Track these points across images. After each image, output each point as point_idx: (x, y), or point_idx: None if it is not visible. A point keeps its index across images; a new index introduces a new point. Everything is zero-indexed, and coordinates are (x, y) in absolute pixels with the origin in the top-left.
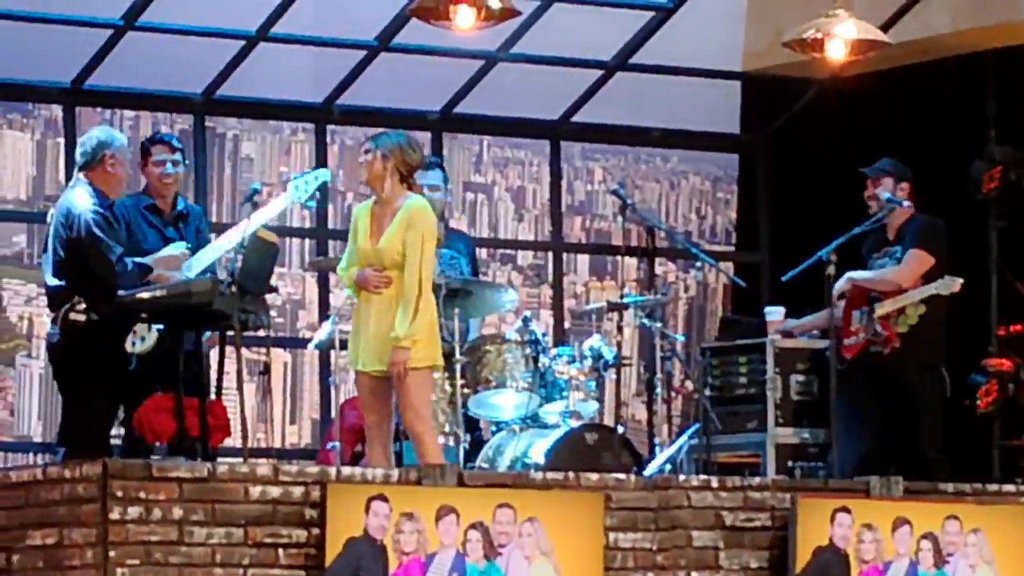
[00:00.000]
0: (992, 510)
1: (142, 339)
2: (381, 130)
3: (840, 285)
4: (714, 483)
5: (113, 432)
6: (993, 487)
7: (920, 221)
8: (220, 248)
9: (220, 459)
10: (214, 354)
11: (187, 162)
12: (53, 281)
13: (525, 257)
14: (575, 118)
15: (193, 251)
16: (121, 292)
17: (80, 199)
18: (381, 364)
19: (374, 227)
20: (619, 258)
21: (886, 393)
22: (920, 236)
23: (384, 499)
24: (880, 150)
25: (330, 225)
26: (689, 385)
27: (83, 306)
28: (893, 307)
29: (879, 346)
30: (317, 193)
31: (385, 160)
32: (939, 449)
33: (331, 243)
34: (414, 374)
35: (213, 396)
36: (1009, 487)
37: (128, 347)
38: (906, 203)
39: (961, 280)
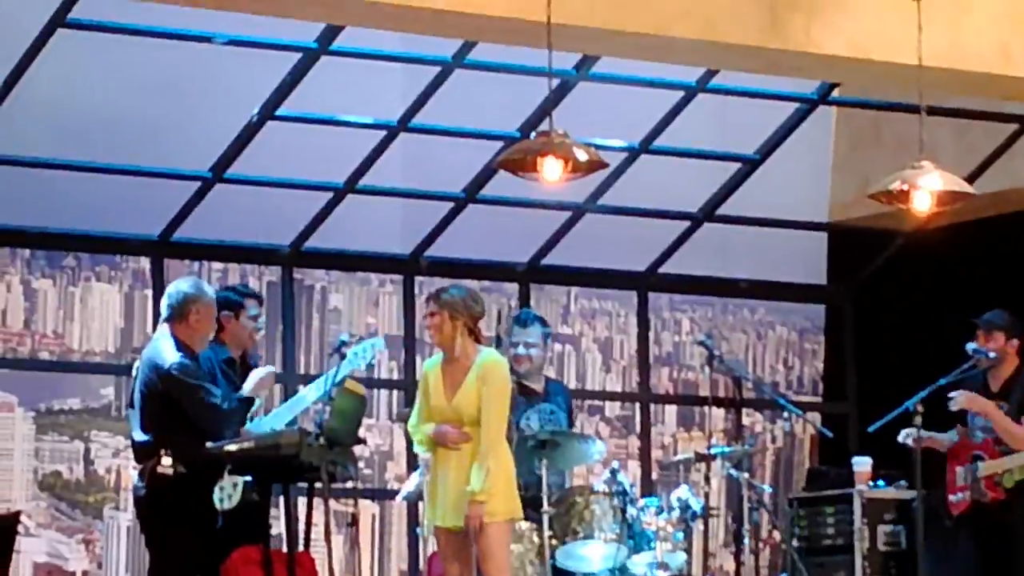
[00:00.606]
0: None
1: (229, 496)
2: (440, 286)
3: (960, 402)
4: None
5: None
6: None
7: None
8: (305, 400)
9: None
10: (302, 506)
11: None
12: (140, 435)
13: (613, 408)
14: (662, 269)
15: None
16: (209, 444)
17: (167, 351)
18: (460, 520)
19: (447, 383)
20: (706, 409)
21: (991, 542)
22: None
23: None
24: (967, 301)
25: (417, 376)
26: (777, 536)
27: (169, 460)
28: (998, 469)
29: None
30: (373, 360)
31: (454, 320)
32: None
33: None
34: (494, 527)
35: (301, 548)
36: None
37: (216, 503)
38: (992, 354)
39: None
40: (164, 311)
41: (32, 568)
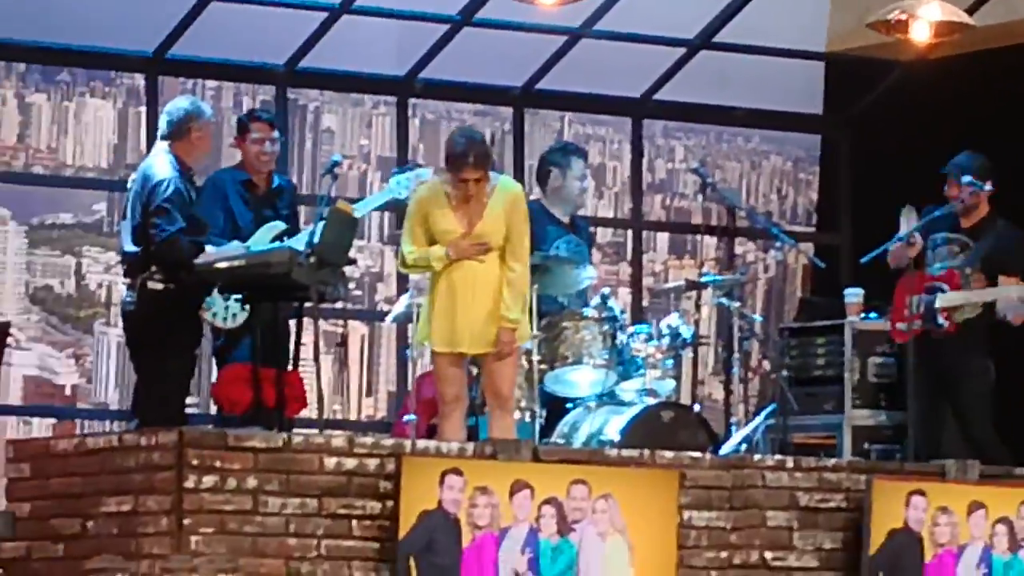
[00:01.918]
0: None
1: (234, 315)
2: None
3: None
4: (789, 463)
5: (189, 401)
6: None
7: (1013, 240)
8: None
9: (296, 430)
10: (292, 325)
11: (282, 139)
12: (131, 247)
13: (604, 234)
14: (657, 96)
15: (288, 226)
16: (199, 261)
17: (161, 166)
18: (486, 345)
19: (456, 209)
20: (699, 237)
21: (935, 372)
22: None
23: (459, 473)
24: (963, 134)
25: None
26: (767, 365)
27: (160, 275)
28: (960, 302)
29: (935, 335)
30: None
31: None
32: (991, 439)
33: None
34: (515, 351)
35: (290, 367)
36: None
37: (219, 323)
38: (988, 186)
39: None
40: (163, 128)
41: (22, 381)
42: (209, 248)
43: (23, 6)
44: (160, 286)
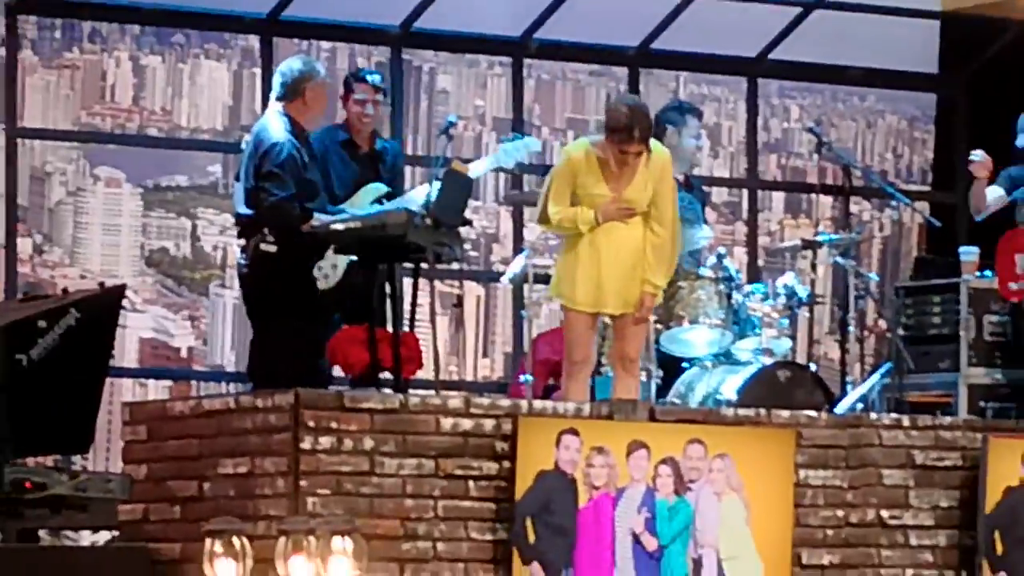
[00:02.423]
0: None
1: (326, 276)
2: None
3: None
4: (905, 422)
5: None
6: None
7: None
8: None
9: (412, 391)
10: (408, 286)
11: (387, 101)
12: (244, 209)
13: (720, 194)
14: (772, 55)
15: (390, 189)
16: (314, 222)
17: (275, 129)
18: (627, 307)
19: (605, 173)
20: (814, 196)
21: None
22: None
23: (575, 433)
24: None
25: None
26: (882, 324)
27: (272, 237)
28: None
29: None
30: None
31: None
32: None
33: (526, 177)
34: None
35: (407, 328)
36: None
37: (319, 283)
38: None
39: None
40: (277, 89)
41: (138, 343)
42: (320, 216)
43: None
44: (273, 248)
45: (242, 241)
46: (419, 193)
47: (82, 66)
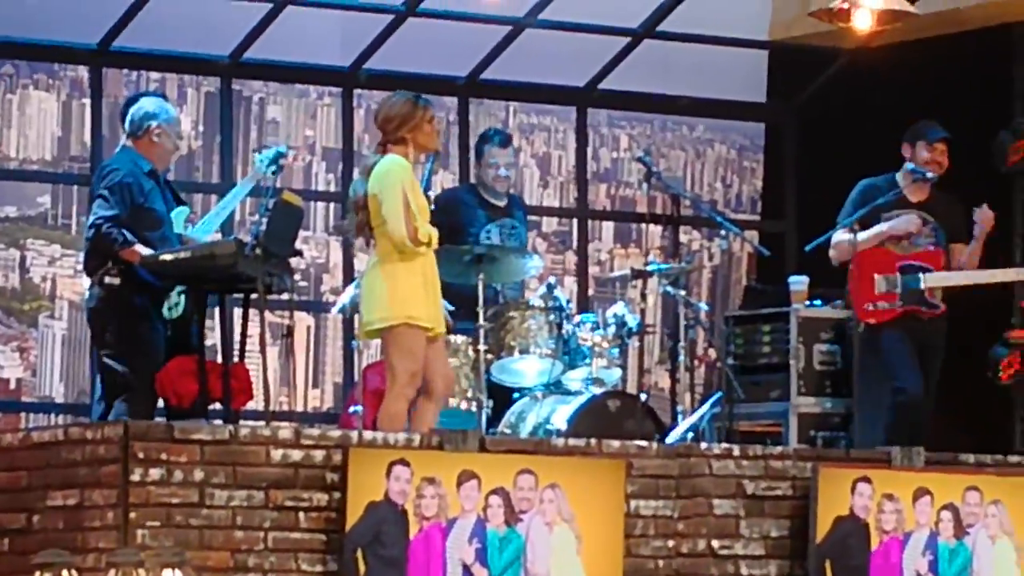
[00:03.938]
0: (1013, 482)
1: (176, 304)
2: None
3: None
4: (735, 451)
5: None
6: (1014, 459)
7: (960, 208)
8: (226, 207)
9: (242, 422)
10: (237, 317)
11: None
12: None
13: (550, 223)
14: (602, 85)
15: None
16: (145, 253)
17: (115, 157)
18: (441, 326)
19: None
20: (644, 226)
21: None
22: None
23: (405, 463)
24: (907, 121)
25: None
26: (712, 354)
27: (116, 269)
28: (956, 283)
29: (921, 316)
30: (278, 164)
31: None
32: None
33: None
34: None
35: (236, 359)
36: None
37: (164, 312)
38: (930, 173)
39: None
40: (126, 126)
41: None
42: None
43: None
44: (117, 281)
45: (88, 275)
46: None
47: None
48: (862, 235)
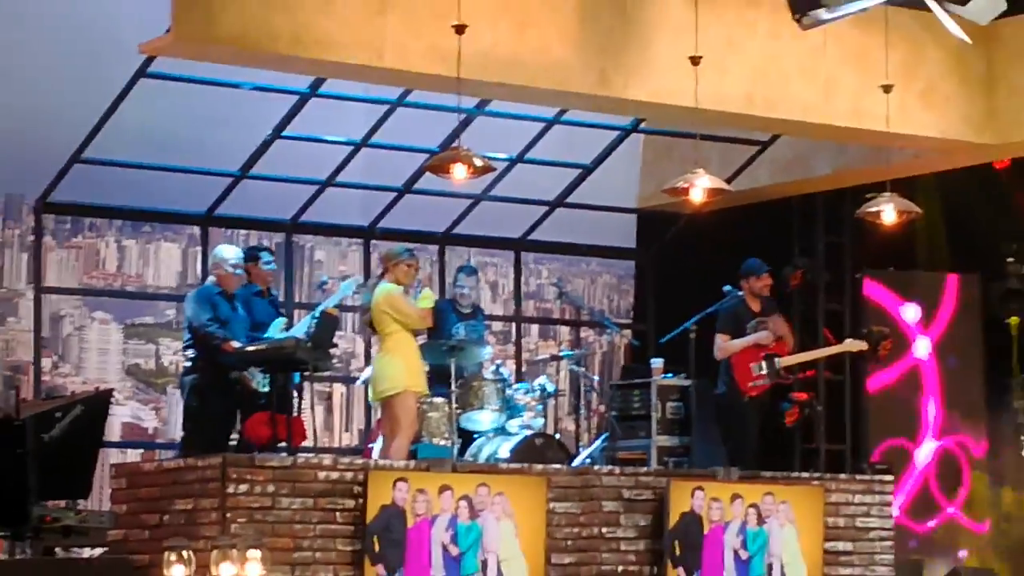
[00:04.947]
0: (794, 489)
1: (262, 382)
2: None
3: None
4: (617, 471)
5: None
6: (794, 475)
7: (778, 311)
8: (298, 325)
9: (300, 455)
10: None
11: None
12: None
13: (498, 325)
14: (531, 237)
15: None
16: (236, 345)
17: (201, 288)
18: None
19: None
20: (558, 327)
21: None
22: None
23: (405, 480)
24: (728, 260)
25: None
26: (602, 408)
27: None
28: (803, 359)
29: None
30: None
31: None
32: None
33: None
34: None
35: (296, 414)
36: (804, 475)
37: (258, 387)
38: (740, 292)
39: (864, 344)
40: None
41: (120, 425)
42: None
43: (124, 183)
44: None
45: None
46: (301, 323)
47: (83, 247)
48: (737, 343)
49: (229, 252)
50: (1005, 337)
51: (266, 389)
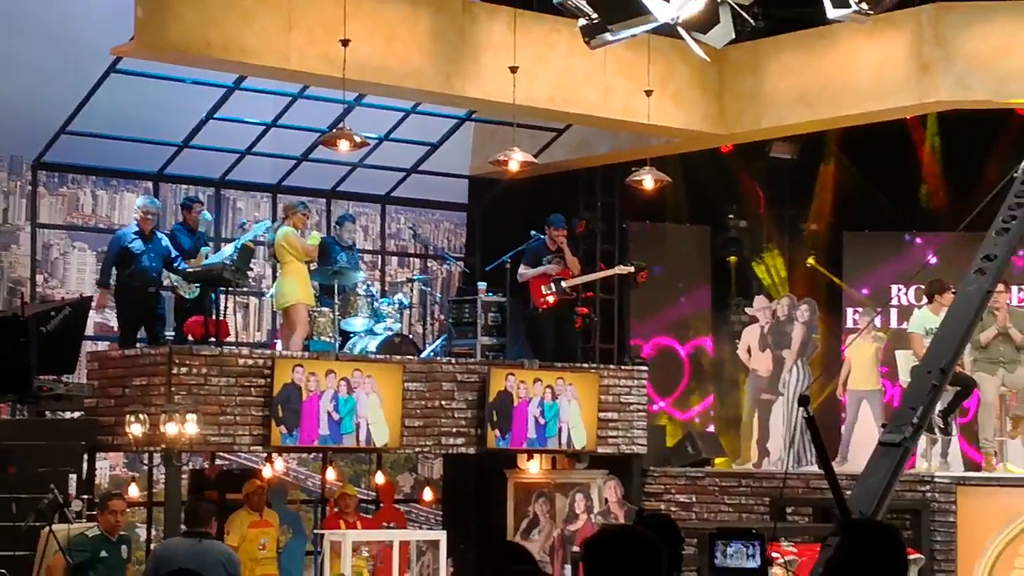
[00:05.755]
0: (577, 375)
1: (191, 292)
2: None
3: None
4: (454, 361)
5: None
6: (578, 365)
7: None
8: (224, 253)
9: (225, 347)
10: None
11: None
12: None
13: (368, 257)
14: (393, 194)
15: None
16: (182, 267)
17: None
18: None
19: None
20: (411, 259)
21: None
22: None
23: (301, 366)
24: (537, 213)
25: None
26: (442, 317)
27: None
28: (580, 281)
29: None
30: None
31: None
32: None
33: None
34: None
35: (222, 317)
36: (585, 365)
37: (185, 295)
38: (543, 236)
39: (630, 267)
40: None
41: (93, 325)
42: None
43: (98, 149)
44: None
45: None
46: (226, 252)
47: (67, 195)
48: (532, 271)
49: (139, 202)
50: (727, 272)
51: (191, 296)
